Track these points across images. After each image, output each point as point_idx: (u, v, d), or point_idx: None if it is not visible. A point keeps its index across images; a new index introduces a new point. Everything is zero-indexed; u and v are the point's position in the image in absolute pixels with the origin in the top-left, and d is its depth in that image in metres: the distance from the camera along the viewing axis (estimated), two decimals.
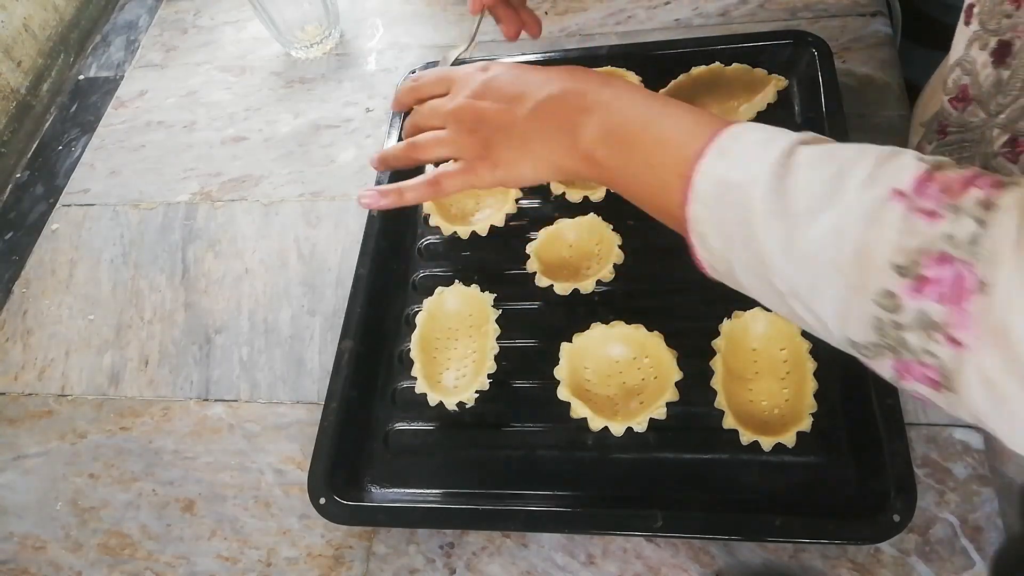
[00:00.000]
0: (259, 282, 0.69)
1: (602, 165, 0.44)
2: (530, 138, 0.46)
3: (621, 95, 0.44)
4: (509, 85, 0.48)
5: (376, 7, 0.88)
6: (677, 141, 0.40)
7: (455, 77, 0.50)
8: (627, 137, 0.43)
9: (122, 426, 0.64)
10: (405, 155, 0.51)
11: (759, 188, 0.35)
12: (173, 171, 0.79)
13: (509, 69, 0.49)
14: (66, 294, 0.73)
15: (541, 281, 0.58)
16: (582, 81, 0.46)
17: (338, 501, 0.52)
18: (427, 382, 0.56)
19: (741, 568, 0.49)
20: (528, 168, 0.47)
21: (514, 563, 0.52)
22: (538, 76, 0.47)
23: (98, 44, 0.96)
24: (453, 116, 0.49)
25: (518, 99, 0.46)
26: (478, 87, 0.48)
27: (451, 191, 0.50)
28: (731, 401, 0.51)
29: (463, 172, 0.49)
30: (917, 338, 0.31)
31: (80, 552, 0.58)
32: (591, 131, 0.44)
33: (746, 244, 0.36)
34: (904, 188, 0.31)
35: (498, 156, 0.47)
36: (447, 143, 0.49)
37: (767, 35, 0.67)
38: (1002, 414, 0.29)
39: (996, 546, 0.47)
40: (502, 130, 0.47)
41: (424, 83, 0.52)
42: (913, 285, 0.30)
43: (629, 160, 0.43)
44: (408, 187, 0.50)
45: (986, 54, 0.48)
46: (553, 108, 0.45)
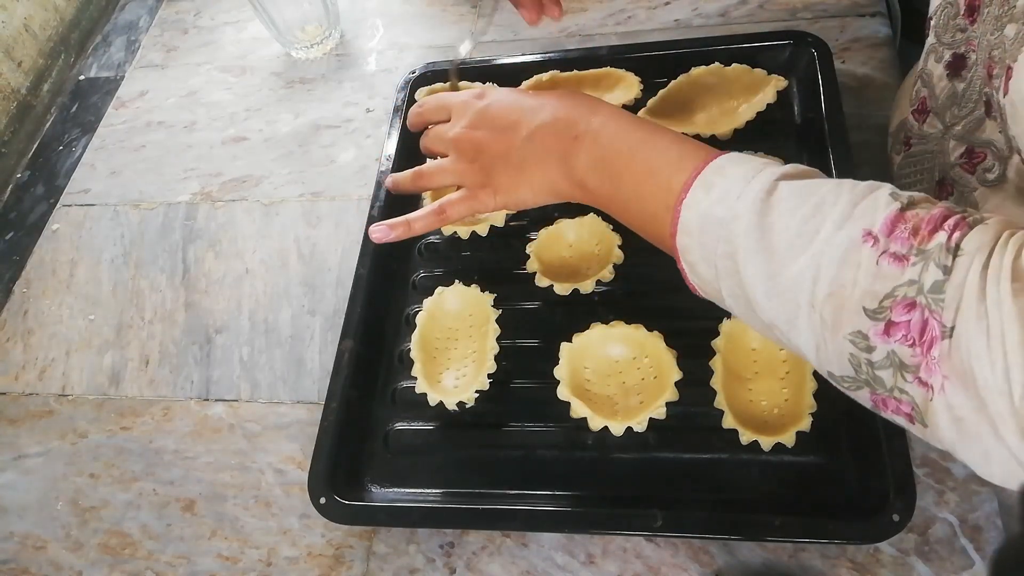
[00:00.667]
0: (259, 282, 0.70)
1: (593, 193, 0.46)
2: (526, 165, 0.48)
3: (609, 123, 0.45)
4: (504, 113, 0.49)
5: (376, 7, 0.88)
6: (663, 172, 0.41)
7: (453, 105, 0.52)
8: (615, 167, 0.44)
9: (122, 426, 0.64)
10: (413, 184, 0.54)
11: (741, 225, 0.36)
12: (173, 171, 0.79)
13: (503, 96, 0.51)
14: (67, 294, 0.73)
15: (541, 281, 0.59)
16: (573, 108, 0.47)
17: (338, 501, 0.52)
18: (427, 382, 0.56)
19: (741, 568, 0.49)
20: (527, 193, 0.49)
21: (514, 563, 0.52)
22: (531, 103, 0.49)
23: (99, 44, 0.96)
24: (453, 146, 0.50)
25: (513, 127, 0.48)
26: (475, 116, 0.50)
27: (456, 219, 0.51)
28: (731, 401, 0.51)
29: (466, 200, 0.50)
30: (890, 376, 0.32)
31: (80, 552, 0.59)
32: (582, 160, 0.45)
33: (731, 276, 0.37)
34: (875, 230, 0.32)
35: (498, 183, 0.49)
36: (450, 172, 0.51)
37: (767, 35, 0.68)
38: (971, 448, 0.31)
39: (995, 545, 0.47)
40: (500, 158, 0.48)
41: (426, 110, 0.55)
42: (883, 328, 0.32)
43: (618, 189, 0.44)
44: (415, 219, 0.52)
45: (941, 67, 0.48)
46: (546, 136, 0.47)
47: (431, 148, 0.54)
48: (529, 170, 0.48)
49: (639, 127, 0.45)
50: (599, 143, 0.45)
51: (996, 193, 0.45)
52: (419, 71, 0.74)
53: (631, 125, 0.45)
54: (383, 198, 0.66)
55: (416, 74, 0.73)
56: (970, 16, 0.44)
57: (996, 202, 0.45)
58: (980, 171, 0.46)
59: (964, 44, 0.45)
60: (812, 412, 0.49)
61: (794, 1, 0.75)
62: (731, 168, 0.39)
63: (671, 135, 0.44)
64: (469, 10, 0.84)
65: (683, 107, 0.66)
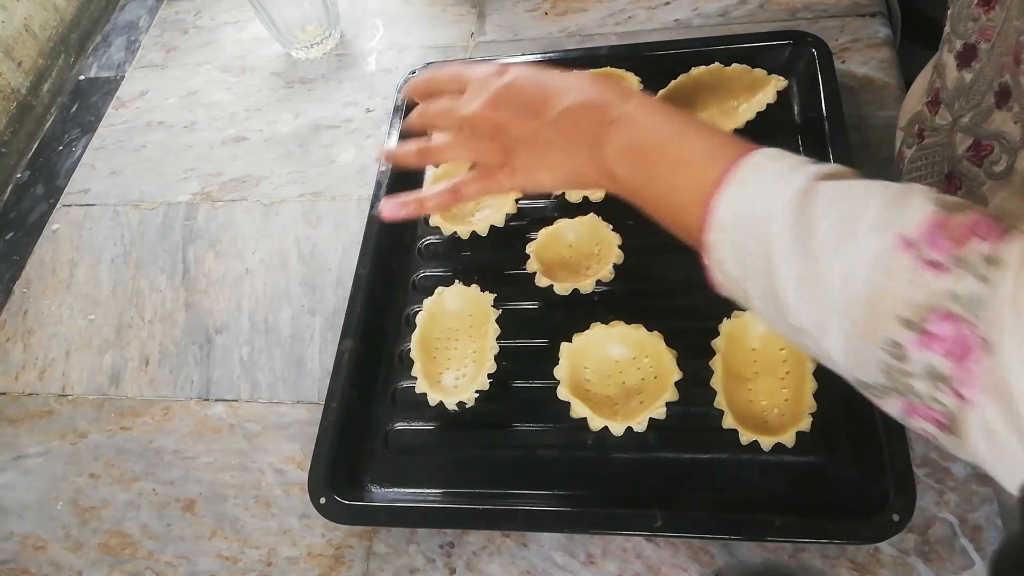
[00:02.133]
0: (259, 282, 0.70)
1: (621, 182, 0.44)
2: (551, 148, 0.46)
3: (643, 111, 0.43)
4: (530, 92, 0.46)
5: (376, 7, 0.88)
6: (697, 165, 0.40)
7: (471, 78, 0.49)
8: (647, 156, 0.42)
9: (122, 426, 0.64)
10: (417, 158, 0.51)
11: (777, 224, 0.35)
12: (173, 171, 0.79)
13: (529, 73, 0.48)
14: (67, 294, 0.73)
15: (541, 281, 0.59)
16: (605, 92, 0.45)
17: (338, 501, 0.52)
18: (427, 382, 0.56)
19: (741, 568, 0.49)
20: (547, 177, 0.47)
21: (514, 563, 0.52)
22: (560, 83, 0.46)
23: (99, 44, 0.96)
24: (470, 123, 0.48)
25: (539, 108, 0.46)
26: (497, 93, 0.47)
27: (470, 198, 0.49)
28: (731, 401, 0.51)
29: (482, 179, 0.48)
30: (924, 386, 0.31)
31: (80, 552, 0.59)
32: (612, 146, 0.43)
33: (762, 276, 0.36)
34: (912, 235, 0.31)
35: (518, 163, 0.47)
36: (464, 149, 0.49)
37: (767, 35, 0.68)
38: (1002, 461, 0.30)
39: (995, 545, 0.47)
40: (523, 139, 0.46)
41: (439, 80, 0.51)
42: (919, 339, 0.31)
43: (649, 179, 0.42)
44: (428, 197, 0.50)
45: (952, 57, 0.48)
46: (575, 119, 0.45)
47: (436, 123, 0.50)
48: (554, 153, 0.46)
49: (675, 116, 0.43)
50: (632, 129, 0.43)
51: (1004, 187, 0.45)
52: (419, 71, 0.74)
53: (666, 114, 0.43)
54: (383, 198, 0.66)
55: (416, 74, 0.73)
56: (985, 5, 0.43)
57: (1004, 196, 0.45)
58: (987, 164, 0.46)
59: (976, 33, 0.45)
60: (812, 412, 0.49)
61: (794, 1, 0.75)
62: (769, 164, 0.38)
63: (707, 127, 0.42)
64: (469, 10, 0.84)
65: (683, 107, 0.66)
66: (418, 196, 0.50)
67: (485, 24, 0.82)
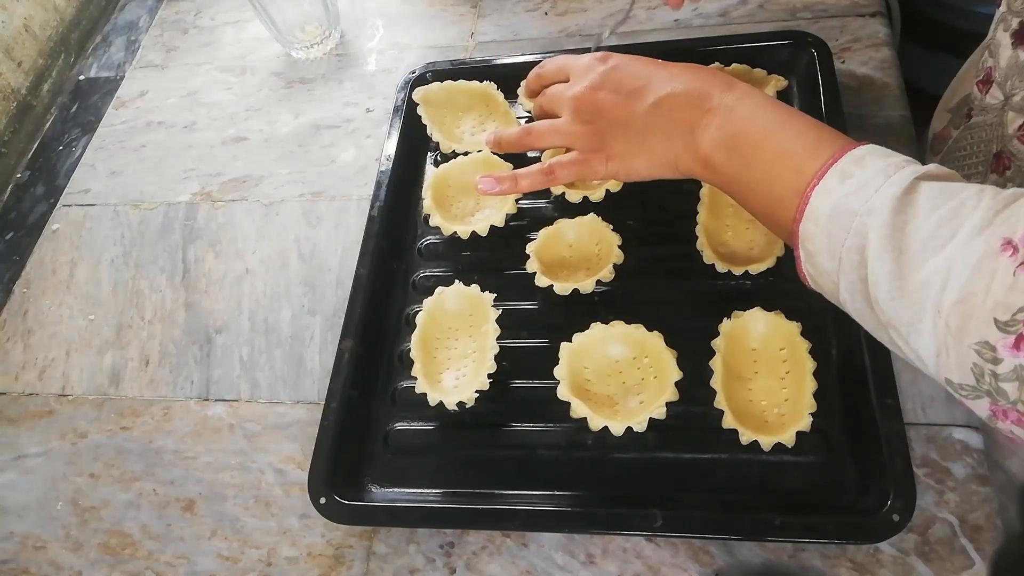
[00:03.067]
0: (259, 282, 0.70)
1: (718, 170, 0.44)
2: (648, 133, 0.46)
3: (745, 100, 0.43)
4: (630, 78, 0.47)
5: (376, 7, 0.88)
6: (798, 156, 0.40)
7: (574, 66, 0.50)
8: (747, 145, 0.42)
9: (122, 426, 0.64)
10: (519, 141, 0.52)
11: (877, 220, 0.35)
12: (173, 171, 0.79)
13: (630, 61, 0.48)
14: (67, 294, 0.73)
15: (541, 281, 0.59)
16: (706, 81, 0.45)
17: (338, 501, 0.52)
18: (427, 382, 0.56)
19: (741, 568, 0.49)
20: (642, 163, 0.47)
21: (514, 563, 0.52)
22: (660, 71, 0.47)
23: (99, 44, 0.96)
24: (570, 105, 0.48)
25: (638, 93, 0.46)
26: (597, 78, 0.48)
27: (564, 180, 0.50)
28: (731, 401, 0.51)
29: (577, 163, 0.49)
30: (1015, 389, 0.31)
31: (80, 552, 0.59)
32: (711, 134, 0.43)
33: (856, 270, 0.36)
34: (1017, 239, 0.31)
35: (613, 149, 0.47)
36: (562, 133, 0.49)
37: (767, 35, 0.68)
38: None
39: (995, 545, 0.47)
40: (619, 123, 0.47)
41: (546, 71, 0.53)
42: (1013, 342, 0.31)
43: (747, 169, 0.42)
44: (523, 175, 0.51)
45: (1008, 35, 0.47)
46: (674, 105, 0.45)
47: (548, 108, 0.51)
48: (650, 139, 0.46)
49: (776, 108, 0.43)
50: (733, 119, 0.43)
51: None
52: (419, 71, 0.74)
53: (768, 104, 0.44)
54: (383, 198, 0.66)
55: (416, 74, 0.73)
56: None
57: None
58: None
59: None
60: (812, 412, 0.49)
61: (794, 1, 0.75)
62: (871, 160, 0.38)
63: (809, 120, 0.42)
64: (469, 10, 0.84)
65: None
66: (514, 174, 0.51)
67: (485, 24, 0.82)
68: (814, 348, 0.51)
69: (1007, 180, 0.50)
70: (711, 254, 0.57)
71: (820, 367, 0.51)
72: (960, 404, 0.51)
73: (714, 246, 0.58)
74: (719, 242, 0.59)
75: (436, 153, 0.71)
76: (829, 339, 0.54)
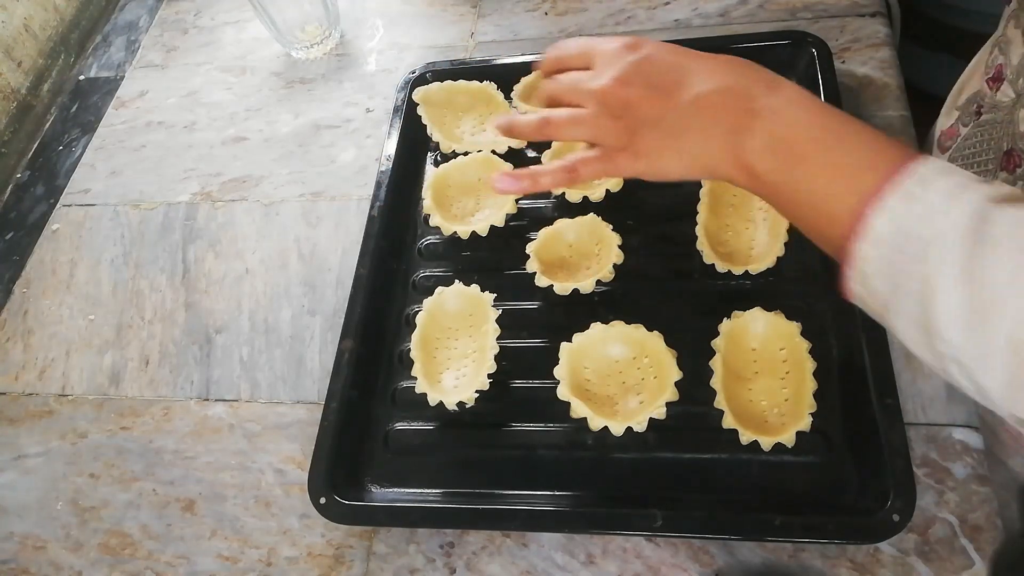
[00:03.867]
0: (259, 282, 0.70)
1: (761, 178, 0.40)
2: (682, 133, 0.42)
3: (794, 103, 0.40)
4: (664, 70, 0.43)
5: (376, 7, 0.88)
6: (853, 170, 0.37)
7: (599, 52, 0.45)
8: (796, 154, 0.39)
9: (122, 426, 0.64)
10: (537, 130, 0.47)
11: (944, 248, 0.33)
12: (173, 171, 0.79)
13: (664, 51, 0.44)
14: (67, 294, 0.73)
15: (541, 281, 0.59)
16: (750, 79, 0.42)
17: (338, 501, 0.52)
18: (427, 382, 0.56)
19: (741, 568, 0.49)
20: (674, 164, 0.43)
21: (514, 563, 0.52)
22: (698, 63, 0.43)
23: (99, 44, 0.96)
24: (596, 98, 0.44)
25: (673, 87, 0.42)
26: (627, 69, 0.43)
27: (587, 179, 0.46)
28: (731, 401, 0.51)
29: (601, 160, 0.45)
30: None
31: (80, 552, 0.59)
32: (755, 139, 0.40)
33: (914, 297, 0.34)
34: None
35: (642, 146, 0.43)
36: (587, 126, 0.45)
37: (767, 35, 0.68)
38: None
39: (995, 546, 0.47)
40: (651, 120, 0.43)
41: (566, 54, 0.48)
42: None
43: (794, 179, 0.39)
44: (543, 172, 0.47)
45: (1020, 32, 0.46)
46: (713, 104, 0.41)
47: (565, 98, 0.47)
48: (685, 139, 0.42)
49: (828, 112, 0.40)
50: (780, 123, 0.39)
51: None
52: (419, 71, 0.74)
53: (819, 108, 0.40)
54: (383, 198, 0.66)
55: (416, 74, 0.73)
56: None
57: None
58: None
59: None
60: (812, 412, 0.49)
61: (794, 1, 0.75)
62: (936, 179, 0.35)
63: (864, 127, 0.39)
64: (469, 10, 0.84)
65: None
66: (533, 172, 0.47)
67: (485, 24, 0.82)
68: (814, 348, 0.51)
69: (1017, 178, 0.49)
70: (711, 254, 0.57)
71: (820, 367, 0.51)
72: (960, 404, 0.51)
73: (714, 246, 0.58)
74: (719, 242, 0.59)
75: (436, 153, 0.71)
76: (829, 339, 0.54)
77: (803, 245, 0.58)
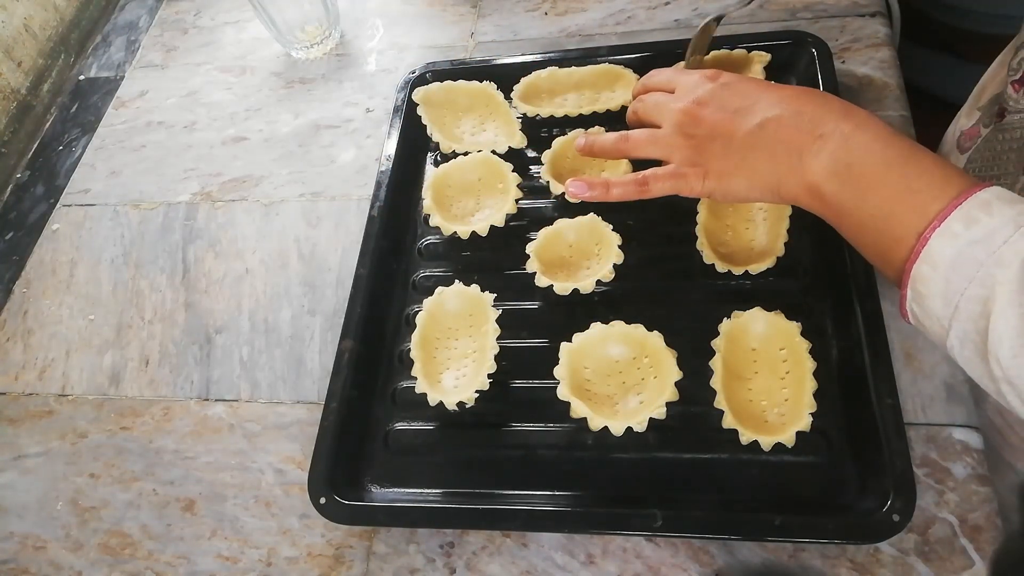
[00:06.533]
0: (259, 282, 0.70)
1: (827, 200, 0.42)
2: (750, 154, 0.44)
3: (864, 129, 0.41)
4: (739, 96, 0.46)
5: (376, 7, 0.88)
6: (921, 194, 0.38)
7: (683, 80, 0.49)
8: (864, 177, 0.40)
9: (122, 426, 0.64)
10: (614, 147, 0.52)
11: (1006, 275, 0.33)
12: (173, 171, 0.79)
13: (742, 80, 0.47)
14: (66, 294, 0.73)
15: (541, 281, 0.59)
16: (821, 106, 0.43)
17: (338, 501, 0.52)
18: (427, 382, 0.56)
19: (741, 567, 0.49)
20: (741, 184, 0.45)
21: (514, 563, 0.52)
22: (771, 92, 0.45)
23: (98, 44, 0.96)
24: (672, 117, 0.48)
25: (745, 111, 0.45)
26: (704, 93, 0.47)
27: (657, 194, 0.49)
28: (731, 401, 0.51)
29: (672, 176, 0.48)
30: None
31: (80, 552, 0.59)
32: (822, 162, 0.41)
33: (973, 321, 0.35)
34: None
35: (712, 166, 0.46)
36: (660, 144, 0.48)
37: (767, 35, 0.68)
38: None
39: (995, 545, 0.47)
40: (721, 140, 0.45)
41: (653, 82, 0.53)
42: None
43: (861, 202, 0.40)
44: (616, 184, 0.50)
45: None
46: (782, 126, 0.43)
47: (647, 116, 0.50)
48: (753, 160, 0.44)
49: (897, 139, 0.41)
50: (849, 147, 0.41)
51: None
52: (419, 71, 0.74)
53: (888, 135, 0.41)
54: (383, 198, 0.66)
55: (416, 74, 0.73)
56: None
57: None
58: None
59: None
60: (812, 412, 0.49)
61: (794, 1, 0.75)
62: (999, 206, 0.36)
63: (931, 155, 0.40)
64: (469, 10, 0.84)
65: None
66: (605, 182, 0.50)
67: (485, 24, 0.82)
68: (814, 348, 0.51)
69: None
70: (711, 254, 0.57)
71: (820, 367, 0.51)
72: (960, 404, 0.51)
73: (714, 246, 0.58)
74: (719, 242, 0.59)
75: (436, 153, 0.71)
76: (829, 339, 0.54)
77: (803, 245, 0.58)
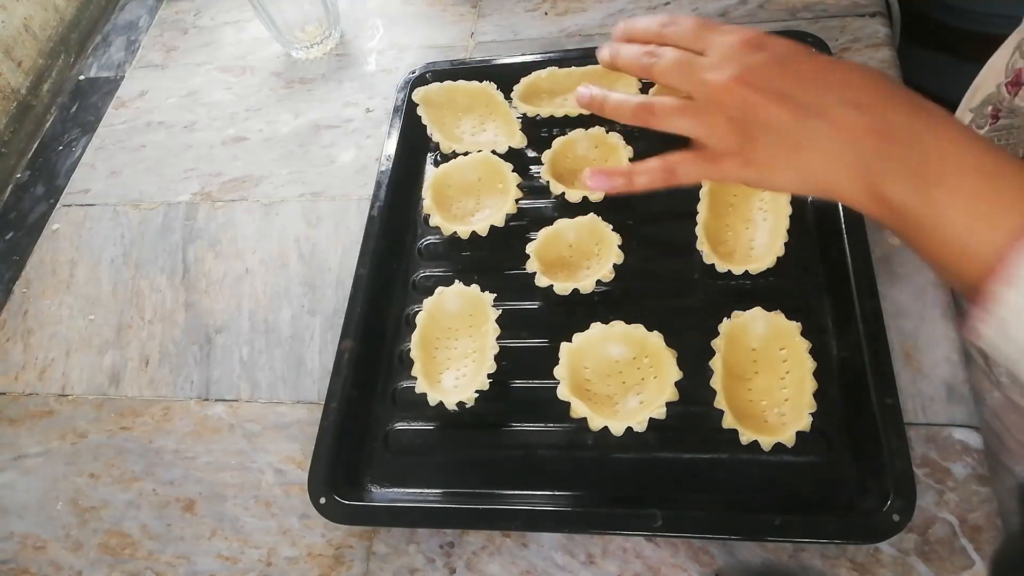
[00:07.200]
0: (259, 282, 0.70)
1: (891, 205, 0.37)
2: (804, 147, 0.39)
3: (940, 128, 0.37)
4: (793, 76, 0.39)
5: (376, 7, 0.88)
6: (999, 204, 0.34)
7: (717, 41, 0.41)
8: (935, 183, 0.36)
9: (122, 426, 0.64)
10: (635, 114, 0.43)
11: None
12: (173, 171, 0.79)
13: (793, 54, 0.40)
14: (67, 294, 0.73)
15: (541, 281, 0.59)
16: (889, 96, 0.38)
17: (338, 501, 0.52)
18: (427, 382, 0.56)
19: (741, 568, 0.49)
20: (788, 178, 0.40)
21: (514, 563, 0.52)
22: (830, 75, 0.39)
23: (98, 44, 0.96)
24: (713, 94, 0.40)
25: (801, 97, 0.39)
26: (752, 67, 0.40)
27: (686, 181, 0.43)
28: (731, 401, 0.51)
29: (706, 161, 0.41)
30: None
31: (80, 552, 0.59)
32: (889, 164, 0.37)
33: None
34: None
35: (756, 155, 0.40)
36: (697, 122, 0.41)
37: None
38: None
39: (995, 545, 0.47)
40: (771, 128, 0.39)
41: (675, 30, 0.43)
42: None
43: (931, 210, 0.36)
44: (640, 171, 0.43)
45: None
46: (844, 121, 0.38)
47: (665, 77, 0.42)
48: (806, 154, 0.39)
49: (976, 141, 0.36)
50: (920, 149, 0.36)
51: None
52: (419, 71, 0.74)
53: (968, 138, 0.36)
54: (383, 198, 0.66)
55: (416, 74, 0.73)
56: None
57: None
58: None
59: None
60: (812, 412, 0.49)
61: (794, 1, 0.75)
62: None
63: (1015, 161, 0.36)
64: (469, 10, 0.84)
65: None
66: (628, 171, 0.44)
67: (485, 24, 0.82)
68: (814, 348, 0.51)
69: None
70: (711, 254, 0.57)
71: (820, 367, 0.51)
72: (960, 404, 0.51)
73: (714, 246, 0.58)
74: (719, 242, 0.59)
75: (436, 153, 0.71)
76: (829, 339, 0.54)
77: (803, 245, 0.58)
